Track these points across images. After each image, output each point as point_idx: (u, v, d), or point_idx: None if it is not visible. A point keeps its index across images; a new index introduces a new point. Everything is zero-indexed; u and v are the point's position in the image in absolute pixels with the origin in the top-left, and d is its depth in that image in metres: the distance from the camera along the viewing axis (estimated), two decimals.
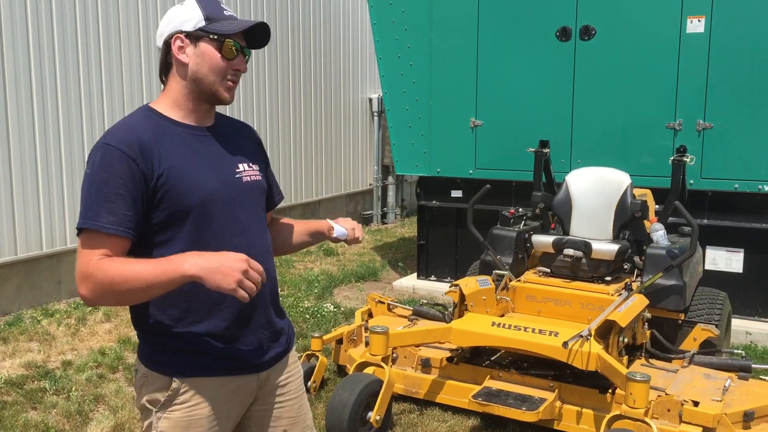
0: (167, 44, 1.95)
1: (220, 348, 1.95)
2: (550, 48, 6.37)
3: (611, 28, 6.14)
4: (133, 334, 5.54)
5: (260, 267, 1.77)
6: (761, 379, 4.25)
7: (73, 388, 4.49)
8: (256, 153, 2.16)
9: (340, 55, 9.99)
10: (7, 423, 4.01)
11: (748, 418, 3.64)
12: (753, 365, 4.17)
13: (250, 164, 2.08)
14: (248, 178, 2.05)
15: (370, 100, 10.62)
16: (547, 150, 5.37)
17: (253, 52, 2.12)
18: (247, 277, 1.73)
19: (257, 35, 2.02)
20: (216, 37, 1.93)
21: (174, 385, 1.93)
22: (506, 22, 6.56)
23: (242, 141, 2.11)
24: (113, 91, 6.64)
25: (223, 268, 1.72)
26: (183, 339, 1.93)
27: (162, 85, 2.02)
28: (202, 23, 1.93)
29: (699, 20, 5.80)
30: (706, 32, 5.78)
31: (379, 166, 10.65)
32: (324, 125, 9.74)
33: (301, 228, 2.34)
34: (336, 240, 2.29)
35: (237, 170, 2.03)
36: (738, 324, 5.75)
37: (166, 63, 1.97)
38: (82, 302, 6.25)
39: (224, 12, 1.98)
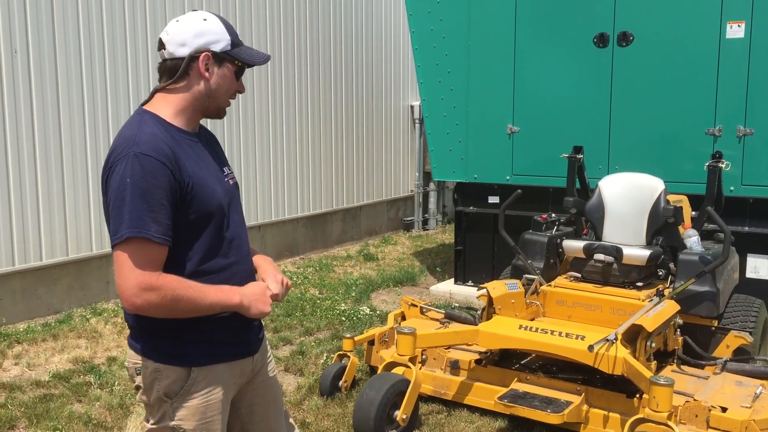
0: (192, 57, 2.04)
1: (228, 335, 2.13)
2: (588, 54, 6.37)
3: (649, 34, 6.11)
4: None
5: (278, 296, 2.14)
6: None
7: (116, 383, 4.70)
8: (223, 154, 2.30)
9: (382, 62, 10.13)
10: (53, 414, 4.23)
11: None
12: None
13: (229, 167, 2.25)
14: (232, 181, 2.22)
15: (412, 107, 10.73)
16: (580, 156, 5.38)
17: (298, 58, 2.32)
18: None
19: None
20: (240, 63, 2.11)
21: (193, 374, 2.06)
22: (543, 28, 6.59)
23: (216, 146, 2.26)
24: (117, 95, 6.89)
25: (261, 298, 2.08)
26: (198, 330, 2.06)
27: (152, 89, 2.12)
28: (229, 47, 2.08)
29: (739, 25, 5.74)
30: (746, 37, 5.71)
31: (421, 172, 10.74)
32: (365, 132, 9.88)
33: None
34: None
35: (224, 174, 2.19)
36: None
37: (184, 73, 2.05)
38: None
39: (239, 37, 2.14)
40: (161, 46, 2.07)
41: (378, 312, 6.44)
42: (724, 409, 3.64)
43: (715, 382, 4.06)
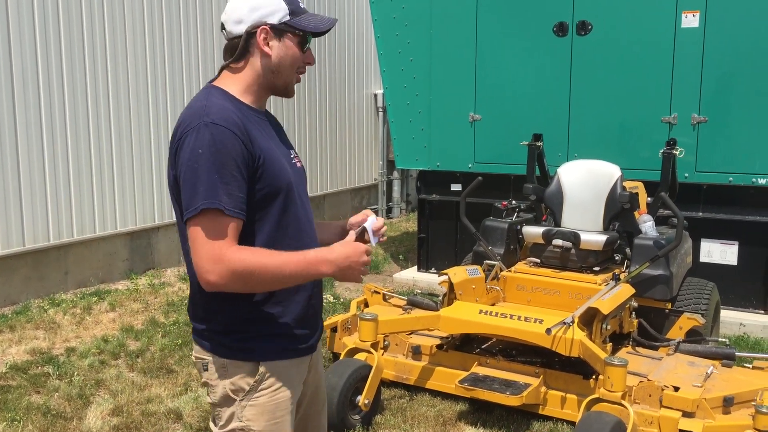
0: (249, 33, 1.94)
1: (296, 330, 2.01)
2: (548, 43, 6.45)
3: (607, 23, 6.20)
4: (136, 323, 5.70)
5: (372, 251, 1.98)
6: (746, 367, 4.32)
7: (76, 373, 4.65)
8: (287, 139, 2.21)
9: (345, 50, 10.10)
10: (11, 405, 4.17)
11: (727, 403, 3.73)
12: (736, 353, 4.25)
13: (294, 151, 2.15)
14: (299, 164, 2.12)
15: (375, 95, 10.73)
16: (540, 143, 5.46)
17: None
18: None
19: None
20: (301, 33, 1.98)
21: (261, 369, 1.95)
22: (504, 17, 6.64)
23: (281, 130, 2.17)
24: (119, 85, 6.80)
25: (354, 265, 1.92)
26: (267, 323, 1.96)
27: (219, 68, 2.03)
28: (287, 17, 1.96)
29: (694, 15, 5.86)
30: (700, 27, 5.83)
31: (384, 161, 10.76)
32: (329, 120, 9.86)
33: (331, 228, 2.27)
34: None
35: (291, 156, 2.09)
36: (732, 315, 5.82)
37: (244, 51, 1.96)
38: (88, 292, 6.42)
39: (300, 4, 2.01)
40: (222, 26, 2.00)
41: (341, 300, 6.46)
42: (676, 389, 3.75)
43: (669, 363, 4.18)
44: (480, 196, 6.00)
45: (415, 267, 7.57)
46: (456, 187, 7.11)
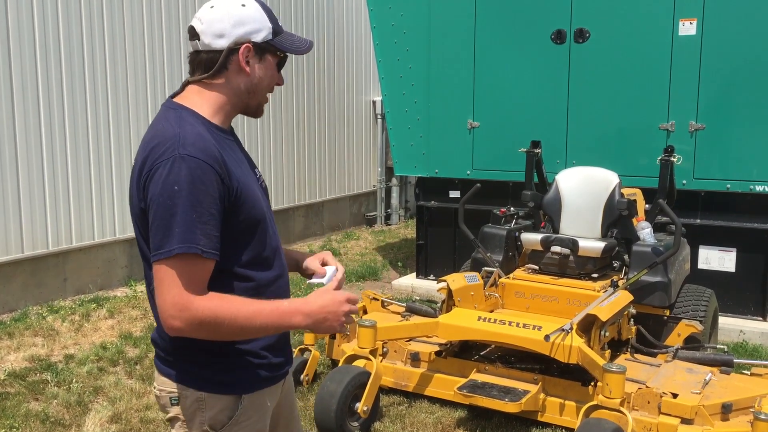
0: (231, 50, 1.81)
1: (273, 358, 1.93)
2: (546, 50, 6.47)
3: (605, 30, 6.23)
4: (135, 330, 5.69)
5: (357, 299, 1.87)
6: (744, 373, 4.32)
7: (74, 380, 4.64)
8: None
9: (344, 58, 10.13)
10: (9, 413, 4.16)
11: (726, 410, 3.73)
12: (735, 360, 4.25)
13: (258, 169, 2.05)
14: (263, 183, 2.02)
15: (374, 102, 10.75)
16: (538, 150, 5.48)
17: None
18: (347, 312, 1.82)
19: None
20: (282, 54, 1.90)
21: (243, 402, 1.86)
22: (502, 25, 6.67)
23: (241, 146, 2.07)
24: (118, 92, 6.81)
25: (331, 316, 1.80)
26: (247, 354, 1.86)
27: (180, 82, 1.94)
28: (271, 36, 1.85)
29: (691, 23, 5.89)
30: (697, 35, 5.86)
31: (383, 167, 10.78)
32: (328, 127, 9.88)
33: (289, 258, 2.16)
34: (310, 282, 2.07)
35: (257, 176, 1.99)
36: (731, 322, 5.82)
37: (222, 67, 1.82)
38: (86, 299, 6.42)
39: (279, 23, 1.92)
40: (194, 35, 1.83)
41: None
42: (675, 395, 3.75)
43: (667, 370, 4.18)
44: (478, 203, 6.01)
45: (414, 274, 7.57)
46: (454, 194, 7.12)
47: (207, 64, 1.83)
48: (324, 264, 2.08)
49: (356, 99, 10.47)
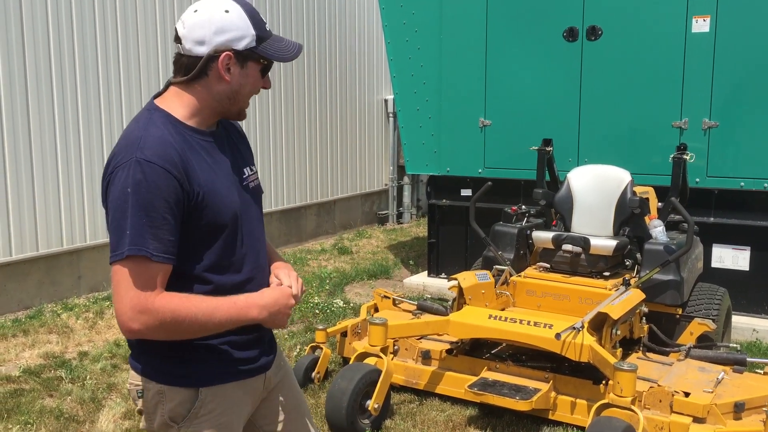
0: (211, 57, 1.81)
1: (237, 354, 1.94)
2: (558, 48, 6.45)
3: (617, 28, 6.20)
4: None
5: (299, 297, 1.96)
6: (757, 373, 4.29)
7: (88, 377, 4.69)
8: (249, 152, 2.09)
9: (356, 56, 10.14)
10: (24, 409, 4.21)
11: (738, 409, 3.70)
12: (748, 359, 4.23)
13: (251, 167, 2.03)
14: (252, 184, 2.01)
15: (386, 101, 10.76)
16: (550, 148, 5.46)
17: None
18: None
19: None
20: (265, 62, 1.88)
21: (201, 395, 1.89)
22: (514, 22, 6.65)
23: (238, 142, 2.04)
24: (131, 92, 6.86)
25: (282, 309, 1.90)
26: (206, 349, 1.89)
27: (164, 83, 1.94)
28: (253, 44, 1.83)
29: (704, 20, 5.85)
30: (711, 32, 5.82)
31: (395, 166, 10.78)
32: (339, 126, 9.90)
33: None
34: None
35: (244, 177, 1.98)
36: (745, 321, 5.79)
37: (201, 73, 1.82)
38: (101, 297, 6.48)
39: (266, 27, 1.88)
40: (177, 39, 1.84)
41: (352, 305, 6.48)
42: (687, 394, 3.74)
43: (679, 368, 4.16)
44: (490, 201, 6.00)
45: (425, 272, 7.58)
46: (466, 192, 7.11)
47: (188, 68, 1.83)
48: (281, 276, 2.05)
49: (368, 97, 10.47)
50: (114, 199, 1.74)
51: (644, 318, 4.48)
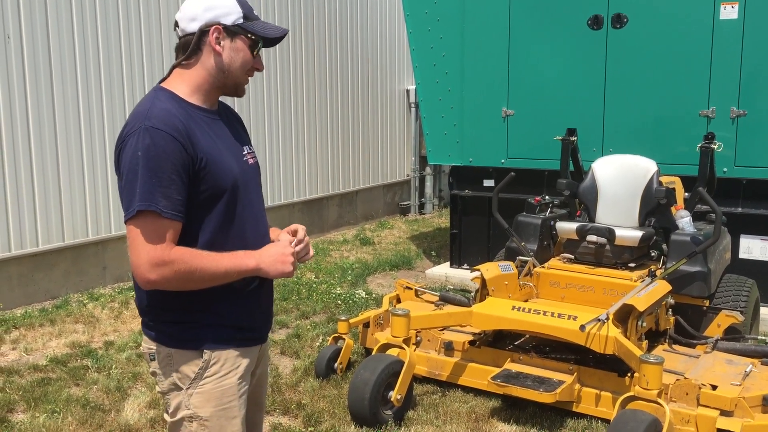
0: (202, 31, 2.00)
1: (243, 322, 2.09)
2: (582, 36, 6.37)
3: (643, 15, 6.11)
4: None
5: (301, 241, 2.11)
6: None
7: (114, 367, 4.74)
8: (246, 135, 2.25)
9: (377, 46, 10.11)
10: (51, 398, 4.26)
11: (767, 402, 3.64)
12: None
13: (249, 147, 2.19)
14: (252, 161, 2.17)
15: (408, 91, 10.72)
16: (574, 138, 5.40)
17: (293, 42, 2.24)
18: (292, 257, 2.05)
19: (274, 40, 2.14)
20: (253, 37, 2.05)
21: (205, 356, 2.02)
22: (537, 11, 6.58)
23: (237, 125, 2.21)
24: (154, 78, 6.88)
25: (281, 258, 2.02)
26: (212, 314, 2.03)
27: (169, 66, 2.09)
28: (241, 20, 2.02)
29: (732, 7, 5.74)
30: (739, 19, 5.71)
31: (417, 156, 10.75)
32: (361, 116, 9.89)
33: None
34: None
35: (243, 153, 2.13)
36: None
37: (196, 48, 2.01)
38: (126, 287, 6.54)
39: (254, 11, 2.08)
40: (175, 25, 2.06)
41: (374, 296, 6.48)
42: (714, 387, 3.68)
43: (706, 361, 4.11)
44: (513, 192, 5.96)
45: (448, 263, 7.55)
46: (489, 183, 7.07)
47: (185, 47, 2.03)
48: (294, 233, 2.18)
49: (390, 88, 10.44)
50: (126, 163, 1.90)
51: (670, 310, 4.43)
